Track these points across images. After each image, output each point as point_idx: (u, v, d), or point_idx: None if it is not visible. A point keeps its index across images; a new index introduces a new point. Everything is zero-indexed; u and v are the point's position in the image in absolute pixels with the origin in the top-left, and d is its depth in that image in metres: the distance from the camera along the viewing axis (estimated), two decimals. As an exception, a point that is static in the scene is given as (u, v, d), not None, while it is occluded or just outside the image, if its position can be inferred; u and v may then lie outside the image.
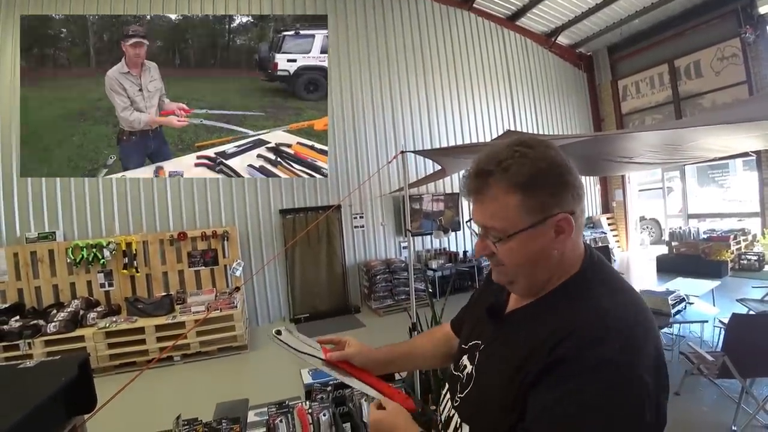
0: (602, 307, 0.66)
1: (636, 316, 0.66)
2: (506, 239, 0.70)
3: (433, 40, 7.93)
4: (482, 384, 0.76)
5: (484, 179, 0.71)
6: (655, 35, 8.67)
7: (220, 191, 6.21)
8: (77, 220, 5.55)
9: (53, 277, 5.31)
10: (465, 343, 0.89)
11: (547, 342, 0.64)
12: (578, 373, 0.59)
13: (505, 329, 0.79)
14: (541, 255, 0.71)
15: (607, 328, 0.62)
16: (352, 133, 7.13)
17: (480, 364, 0.79)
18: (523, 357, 0.67)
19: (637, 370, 0.59)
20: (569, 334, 0.62)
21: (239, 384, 4.14)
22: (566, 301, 0.70)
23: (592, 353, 0.60)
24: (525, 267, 0.72)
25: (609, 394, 0.58)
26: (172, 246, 5.73)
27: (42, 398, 1.39)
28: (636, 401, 0.58)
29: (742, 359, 2.66)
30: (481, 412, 0.74)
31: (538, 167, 0.68)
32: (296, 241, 6.42)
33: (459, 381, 0.83)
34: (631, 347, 0.61)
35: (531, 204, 0.68)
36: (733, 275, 6.84)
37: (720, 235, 7.52)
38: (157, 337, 4.67)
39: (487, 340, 0.81)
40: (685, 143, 4.31)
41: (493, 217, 0.71)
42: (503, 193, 0.69)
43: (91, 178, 5.55)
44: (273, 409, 1.88)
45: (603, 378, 0.58)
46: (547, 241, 0.70)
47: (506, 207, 0.69)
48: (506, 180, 0.68)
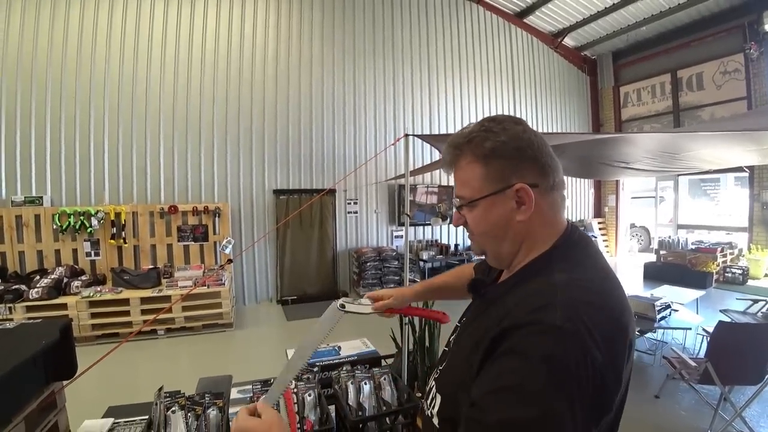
0: (553, 282, 0.66)
1: (596, 293, 0.65)
2: (471, 206, 0.77)
3: (440, 30, 7.86)
4: (452, 358, 0.81)
5: (455, 152, 0.78)
6: (660, 44, 8.68)
7: (214, 166, 6.11)
8: (66, 186, 5.42)
9: (38, 242, 5.20)
10: (459, 321, 0.93)
11: (500, 318, 0.65)
12: (520, 339, 0.60)
13: (480, 306, 0.83)
14: (503, 223, 0.75)
15: (554, 298, 0.62)
16: (352, 118, 7.06)
17: (456, 339, 0.85)
18: (482, 334, 0.68)
19: (583, 339, 0.57)
20: (515, 307, 0.65)
21: (223, 361, 4.12)
22: (529, 278, 0.72)
23: (536, 321, 0.60)
24: (489, 235, 0.78)
25: (550, 356, 0.56)
26: (162, 219, 5.64)
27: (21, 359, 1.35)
28: (577, 369, 0.55)
29: (723, 366, 2.70)
30: (449, 385, 0.77)
31: (499, 140, 0.73)
32: (288, 222, 6.37)
33: (445, 356, 0.88)
34: (579, 318, 0.59)
35: (491, 174, 0.74)
36: (717, 287, 6.95)
37: (707, 246, 7.62)
38: (141, 309, 4.62)
39: (468, 316, 0.88)
40: (682, 152, 4.35)
41: (462, 185, 0.78)
42: (468, 164, 0.76)
43: (81, 140, 5.45)
44: (258, 386, 1.86)
45: (545, 341, 0.57)
46: (507, 211, 0.74)
47: (471, 176, 0.76)
48: (471, 151, 0.75)
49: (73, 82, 5.43)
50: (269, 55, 6.48)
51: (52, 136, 5.36)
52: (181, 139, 5.95)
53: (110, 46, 5.60)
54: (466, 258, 7.40)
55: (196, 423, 1.61)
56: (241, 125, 6.28)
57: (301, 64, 6.68)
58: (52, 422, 1.62)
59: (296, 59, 6.65)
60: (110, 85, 5.60)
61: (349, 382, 1.88)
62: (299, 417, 1.73)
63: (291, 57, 6.61)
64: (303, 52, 6.70)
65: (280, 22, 6.57)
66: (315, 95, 6.78)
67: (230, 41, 6.24)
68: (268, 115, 6.45)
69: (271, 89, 6.48)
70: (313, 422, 1.72)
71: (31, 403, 1.47)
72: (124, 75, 5.67)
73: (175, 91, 5.92)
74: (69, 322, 1.76)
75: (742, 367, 2.74)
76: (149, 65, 5.78)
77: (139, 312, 4.60)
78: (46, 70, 5.31)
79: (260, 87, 6.41)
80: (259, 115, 6.39)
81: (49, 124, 5.34)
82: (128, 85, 5.69)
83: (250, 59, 6.35)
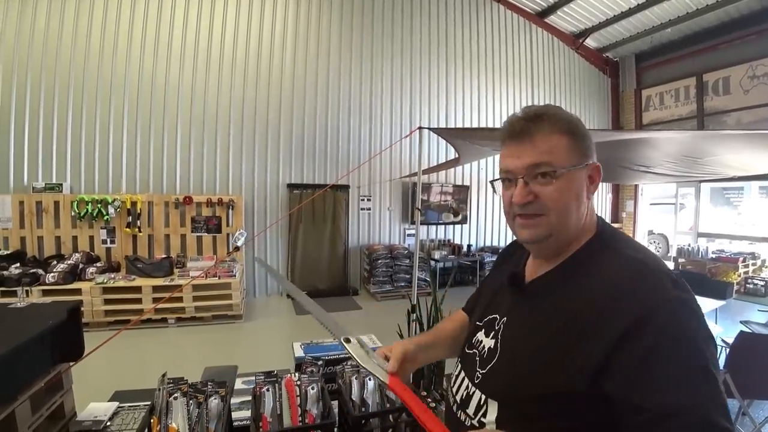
0: (638, 258, 0.69)
1: (662, 264, 0.70)
2: (556, 175, 0.72)
3: (459, 27, 7.78)
4: (513, 355, 0.75)
5: (536, 120, 0.74)
6: (686, 47, 8.43)
7: (230, 159, 6.16)
8: (85, 174, 5.53)
9: (56, 228, 5.31)
10: (479, 320, 0.89)
11: (595, 300, 0.66)
12: (663, 325, 0.60)
13: (528, 298, 0.79)
14: (580, 200, 0.74)
15: (657, 271, 0.66)
16: (368, 114, 7.04)
17: (505, 337, 0.79)
18: (567, 318, 0.68)
19: (695, 302, 0.64)
20: (621, 287, 0.65)
21: (230, 352, 4.14)
22: (594, 260, 0.73)
23: (663, 301, 0.61)
24: (568, 212, 0.74)
25: (695, 329, 0.60)
26: (177, 209, 5.71)
27: (28, 337, 1.36)
28: (705, 324, 0.63)
29: (743, 379, 2.60)
30: (516, 382, 0.72)
31: (575, 119, 0.76)
32: (301, 216, 6.39)
33: (476, 358, 0.82)
34: (683, 285, 0.65)
35: (577, 147, 0.74)
36: (738, 298, 6.73)
37: (729, 256, 7.39)
38: (153, 297, 4.68)
39: (508, 312, 0.81)
40: (705, 156, 4.20)
41: (549, 152, 0.73)
42: (556, 133, 0.74)
43: (101, 130, 5.56)
44: (261, 377, 1.84)
45: (683, 317, 0.61)
46: (584, 186, 0.75)
47: (560, 145, 0.73)
48: (557, 123, 0.74)
49: (95, 77, 5.53)
50: (287, 53, 6.50)
51: (74, 126, 5.47)
52: (198, 132, 6.01)
53: (131, 42, 5.69)
54: (479, 259, 7.31)
55: (198, 411, 1.60)
56: (258, 120, 6.31)
57: (319, 60, 6.69)
58: (57, 403, 1.63)
59: (314, 56, 6.65)
60: (131, 79, 5.69)
61: (354, 378, 1.85)
62: (301, 410, 1.71)
63: (309, 54, 6.62)
64: (321, 49, 6.70)
65: (299, 19, 6.58)
66: (332, 91, 6.78)
67: (249, 38, 6.27)
68: (284, 110, 6.47)
69: (288, 85, 6.49)
70: (315, 416, 1.70)
71: (37, 383, 1.48)
72: (144, 70, 5.75)
73: (193, 86, 5.98)
74: (78, 304, 1.78)
75: (764, 380, 2.64)
76: (169, 61, 5.86)
77: (150, 300, 4.66)
78: (69, 65, 5.42)
79: (277, 83, 6.43)
80: (275, 111, 6.42)
81: (71, 115, 5.45)
82: (148, 80, 5.77)
83: (268, 56, 6.38)
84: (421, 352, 0.97)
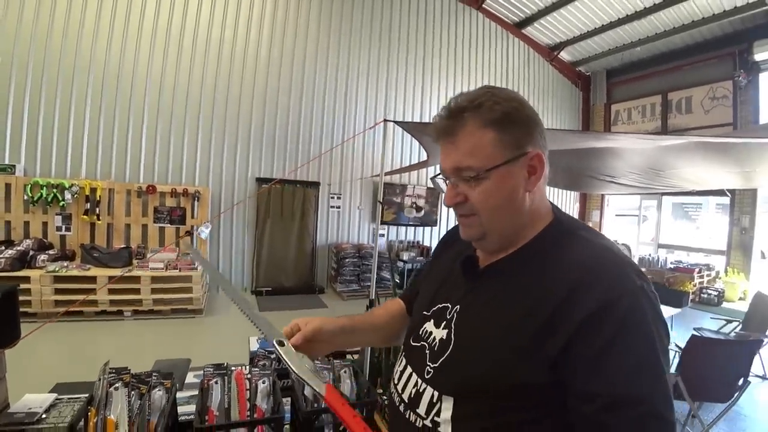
0: (603, 245, 0.68)
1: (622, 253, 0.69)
2: (482, 176, 0.68)
3: (438, 27, 7.86)
4: (470, 345, 0.69)
5: (458, 117, 0.69)
6: (654, 65, 8.81)
7: (198, 149, 5.97)
8: (41, 157, 5.23)
9: (6, 212, 5.00)
10: (427, 309, 0.82)
11: (557, 288, 0.62)
12: (624, 313, 0.59)
13: (484, 285, 0.74)
14: (515, 197, 0.70)
15: (621, 260, 0.65)
16: (342, 113, 6.99)
17: (459, 327, 0.72)
18: (527, 305, 0.64)
19: (653, 293, 0.63)
20: (586, 275, 0.62)
21: (187, 346, 3.98)
22: (556, 246, 0.70)
23: (625, 291, 0.60)
24: (499, 212, 0.70)
25: (649, 319, 0.60)
26: (140, 198, 5.49)
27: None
28: (662, 317, 0.63)
29: (693, 382, 2.68)
30: (473, 374, 0.66)
31: (510, 105, 0.68)
32: (268, 212, 6.28)
33: (425, 351, 0.75)
34: (644, 275, 0.64)
35: (506, 140, 0.68)
36: (693, 306, 7.02)
37: (686, 267, 7.72)
38: (109, 289, 4.46)
39: (461, 300, 0.75)
40: (666, 169, 4.38)
41: (470, 153, 0.68)
42: (478, 129, 0.68)
43: (62, 111, 5.27)
44: (210, 370, 1.77)
45: (642, 308, 0.60)
46: (520, 181, 0.69)
47: (482, 143, 0.68)
48: (480, 117, 0.67)
49: (57, 56, 5.23)
50: (263, 43, 6.36)
51: (31, 106, 5.16)
52: (166, 120, 5.80)
53: (99, 22, 5.43)
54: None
55: (139, 402, 1.52)
56: (228, 111, 6.15)
57: (295, 54, 6.59)
58: (-15, 392, 1.51)
59: (290, 47, 6.55)
60: (97, 61, 5.42)
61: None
62: (250, 404, 1.65)
63: (285, 45, 6.51)
64: (297, 43, 6.60)
65: (277, 8, 6.46)
66: (306, 87, 6.69)
67: (224, 27, 6.11)
68: (256, 103, 6.33)
69: (262, 77, 6.36)
70: (264, 411, 1.64)
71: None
72: (112, 53, 5.50)
73: (163, 72, 5.77)
74: (15, 287, 1.65)
75: (713, 383, 2.73)
76: (139, 45, 5.63)
77: (106, 291, 4.44)
78: (29, 42, 5.11)
79: (251, 74, 6.29)
80: (247, 103, 6.27)
81: (29, 94, 5.14)
82: (115, 63, 5.52)
83: (243, 46, 6.23)
84: (342, 335, 0.91)
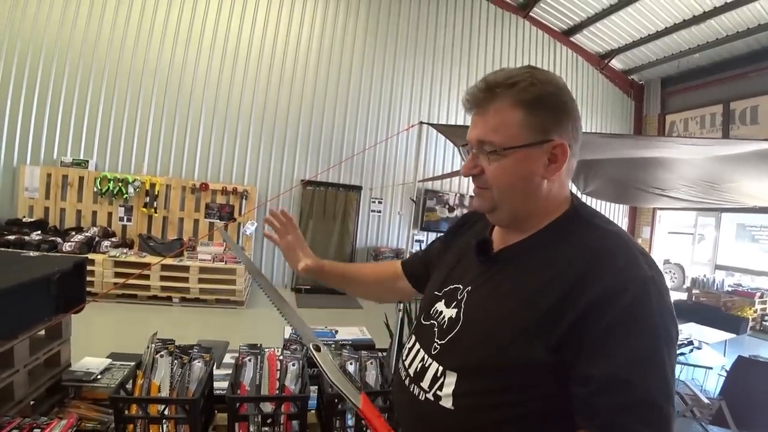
0: (615, 232, 0.68)
1: (635, 242, 0.69)
2: (501, 154, 0.68)
3: (483, 40, 7.85)
4: (477, 324, 0.71)
5: (490, 92, 0.69)
6: (714, 73, 8.26)
7: (248, 151, 6.36)
8: (110, 154, 5.79)
9: (78, 202, 5.55)
10: (438, 290, 0.84)
11: (566, 273, 0.63)
12: (631, 301, 0.58)
13: (497, 267, 0.75)
14: (530, 180, 0.70)
15: (633, 248, 0.64)
16: (386, 119, 7.14)
17: (469, 307, 0.73)
18: (536, 289, 0.65)
19: (664, 283, 0.62)
20: (596, 260, 0.63)
21: (227, 333, 4.18)
22: (570, 232, 0.70)
23: (634, 278, 0.60)
24: (511, 190, 0.70)
25: (656, 309, 0.59)
26: (193, 194, 5.90)
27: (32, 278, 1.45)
28: (671, 307, 0.61)
29: (739, 408, 2.51)
30: (478, 351, 0.68)
31: (545, 89, 0.67)
32: (311, 211, 6.55)
33: (434, 329, 0.77)
34: (656, 265, 0.64)
35: (532, 123, 0.67)
36: (753, 334, 6.48)
37: (746, 290, 7.16)
38: (161, 275, 4.82)
39: (473, 281, 0.77)
40: (723, 183, 4.12)
41: (494, 130, 0.68)
42: (508, 107, 0.67)
43: (130, 113, 5.81)
44: (245, 348, 1.90)
45: (651, 297, 0.59)
46: (539, 167, 0.69)
47: (508, 121, 0.67)
48: (512, 95, 0.67)
49: (128, 63, 5.84)
50: (312, 53, 6.70)
51: (105, 108, 5.76)
52: (220, 122, 6.23)
53: (165, 32, 5.98)
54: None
55: (181, 370, 1.67)
56: (278, 116, 6.50)
57: (342, 63, 6.85)
58: (54, 350, 1.72)
59: (337, 57, 6.82)
60: (162, 68, 5.98)
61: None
62: (279, 384, 1.76)
63: (333, 55, 6.80)
64: (345, 51, 6.86)
65: (327, 20, 6.77)
66: (352, 94, 6.92)
67: (276, 37, 6.51)
68: (304, 109, 6.65)
69: (310, 85, 6.69)
70: (292, 391, 1.75)
71: (38, 326, 1.57)
72: (175, 60, 6.03)
73: (220, 79, 6.24)
74: (83, 260, 1.87)
75: (760, 410, 2.55)
76: (199, 53, 6.13)
77: (158, 277, 4.81)
78: (106, 51, 5.75)
79: (300, 82, 6.63)
80: (296, 109, 6.60)
81: (103, 97, 5.76)
82: (178, 70, 6.05)
83: (294, 54, 6.59)
84: (329, 268, 1.18)
